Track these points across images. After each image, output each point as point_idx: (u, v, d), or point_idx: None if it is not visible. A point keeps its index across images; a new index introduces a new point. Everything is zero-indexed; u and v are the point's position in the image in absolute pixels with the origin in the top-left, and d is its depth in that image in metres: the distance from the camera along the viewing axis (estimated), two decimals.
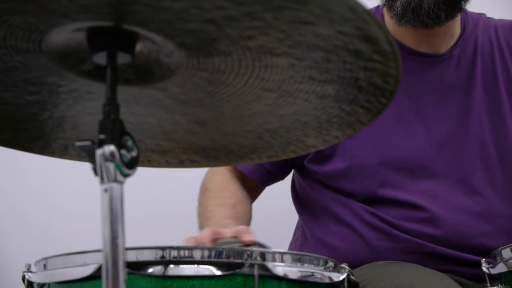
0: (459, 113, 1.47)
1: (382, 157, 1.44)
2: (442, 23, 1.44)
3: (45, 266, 0.96)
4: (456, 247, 1.41)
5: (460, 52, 1.50)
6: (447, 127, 1.46)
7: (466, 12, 1.51)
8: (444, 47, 1.50)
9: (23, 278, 0.98)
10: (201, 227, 1.44)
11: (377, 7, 1.54)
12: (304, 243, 1.53)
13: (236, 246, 1.13)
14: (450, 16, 1.43)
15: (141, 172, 0.79)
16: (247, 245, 1.13)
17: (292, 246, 1.59)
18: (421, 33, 1.46)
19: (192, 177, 1.55)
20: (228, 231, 1.18)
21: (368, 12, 0.65)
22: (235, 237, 1.16)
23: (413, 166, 1.44)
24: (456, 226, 1.41)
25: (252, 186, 1.57)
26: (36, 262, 0.97)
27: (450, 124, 1.46)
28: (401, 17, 1.42)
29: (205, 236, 1.16)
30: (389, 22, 1.49)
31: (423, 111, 1.47)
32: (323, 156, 1.48)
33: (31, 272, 0.98)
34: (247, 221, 1.50)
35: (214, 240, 1.17)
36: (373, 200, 1.45)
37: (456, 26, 1.51)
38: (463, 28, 1.53)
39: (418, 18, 1.41)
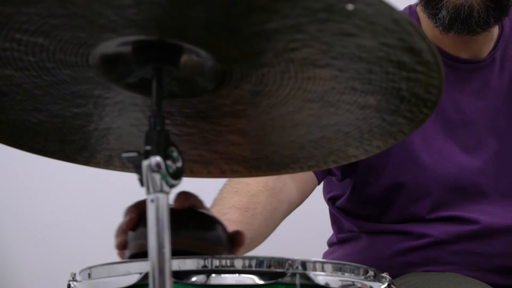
0: (509, 122, 1.41)
1: (435, 175, 1.39)
2: (490, 28, 1.38)
3: (89, 275, 0.97)
4: (504, 269, 1.37)
5: (502, 53, 1.44)
6: (498, 139, 1.41)
7: None
8: (485, 51, 1.44)
9: (68, 287, 0.99)
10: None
11: (410, 7, 1.48)
12: (340, 258, 1.50)
13: None
14: (499, 20, 1.38)
15: (184, 182, 0.81)
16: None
17: (327, 258, 1.56)
18: (462, 38, 1.40)
19: None
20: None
21: (411, 23, 0.66)
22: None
23: (466, 184, 1.39)
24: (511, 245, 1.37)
25: (306, 179, 1.40)
26: (81, 271, 0.98)
27: (501, 136, 1.41)
28: (449, 28, 1.36)
29: (138, 203, 0.95)
30: (426, 25, 1.43)
31: (472, 123, 1.41)
32: (371, 171, 1.41)
33: (76, 281, 0.99)
34: (267, 215, 1.28)
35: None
36: (423, 221, 1.40)
37: (495, 27, 1.44)
38: (501, 28, 1.47)
39: (468, 27, 1.35)
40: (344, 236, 1.53)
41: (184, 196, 0.93)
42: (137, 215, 0.96)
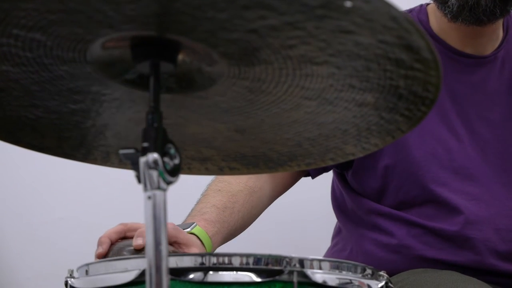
0: (503, 117, 1.46)
1: (426, 154, 1.42)
2: (496, 20, 1.42)
3: (87, 272, 0.97)
4: (498, 253, 1.40)
5: (504, 54, 1.49)
6: (490, 131, 1.45)
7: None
8: (489, 49, 1.49)
9: (66, 284, 0.99)
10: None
11: (421, 6, 1.53)
12: (343, 249, 1.52)
13: (128, 249, 1.15)
14: (505, 12, 1.41)
15: (182, 179, 0.81)
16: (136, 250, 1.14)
17: (330, 252, 1.58)
18: (468, 33, 1.45)
19: None
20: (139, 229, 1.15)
21: (410, 21, 0.66)
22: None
23: (456, 166, 1.42)
24: (499, 231, 1.40)
25: (285, 175, 1.50)
26: (78, 268, 0.98)
27: (493, 128, 1.45)
28: (457, 15, 1.39)
29: (110, 234, 1.16)
30: (435, 21, 1.48)
31: (465, 113, 1.45)
32: (368, 155, 1.44)
33: (73, 277, 0.99)
34: (244, 212, 1.40)
35: (118, 239, 1.17)
36: (416, 202, 1.43)
37: (500, 27, 1.49)
38: (506, 30, 1.51)
39: (475, 15, 1.39)
40: (346, 219, 1.54)
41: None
42: (107, 246, 1.15)
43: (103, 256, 1.15)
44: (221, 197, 1.37)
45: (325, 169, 1.54)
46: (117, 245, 1.17)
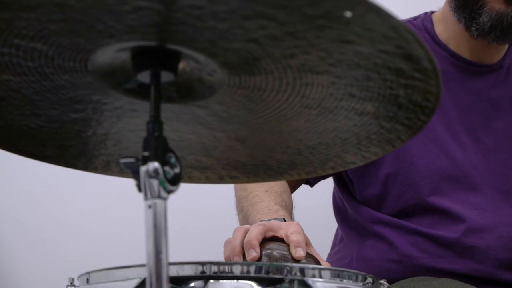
0: (507, 126, 1.45)
1: (429, 163, 1.42)
2: None
3: (88, 280, 0.97)
4: (500, 262, 1.40)
5: (510, 63, 1.49)
6: (494, 139, 1.44)
7: None
8: (496, 58, 1.49)
9: None
10: (245, 211, 1.38)
11: (425, 13, 1.53)
12: (343, 258, 1.53)
13: (281, 253, 1.13)
14: None
15: (182, 187, 0.81)
16: (295, 259, 1.12)
17: (330, 260, 1.58)
18: (479, 44, 1.44)
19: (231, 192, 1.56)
20: (279, 230, 1.14)
21: (410, 30, 0.66)
22: (282, 240, 1.14)
23: (460, 176, 1.42)
24: (502, 239, 1.40)
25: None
26: (79, 277, 0.98)
27: (497, 137, 1.45)
28: (487, 33, 1.38)
29: (256, 236, 1.11)
30: (443, 29, 1.47)
31: (469, 121, 1.45)
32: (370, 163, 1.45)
33: (74, 286, 0.99)
34: (291, 211, 1.42)
35: (263, 238, 1.13)
36: (416, 210, 1.43)
37: None
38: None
39: (506, 36, 1.38)
40: (348, 228, 1.54)
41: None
42: (259, 249, 1.12)
43: (257, 259, 1.12)
44: (274, 196, 1.38)
45: (324, 176, 1.55)
46: (265, 249, 1.14)
